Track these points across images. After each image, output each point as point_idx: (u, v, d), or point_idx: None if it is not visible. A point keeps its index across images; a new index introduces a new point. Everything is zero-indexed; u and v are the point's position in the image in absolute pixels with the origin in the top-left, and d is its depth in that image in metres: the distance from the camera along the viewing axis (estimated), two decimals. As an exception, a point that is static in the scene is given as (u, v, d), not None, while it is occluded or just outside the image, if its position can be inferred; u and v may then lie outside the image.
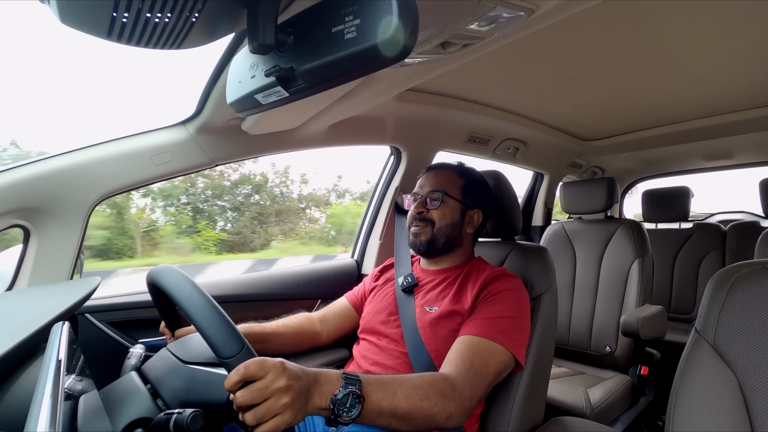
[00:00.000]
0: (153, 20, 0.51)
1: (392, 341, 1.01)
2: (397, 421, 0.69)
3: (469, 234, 1.11)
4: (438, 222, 1.05)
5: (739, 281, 0.68)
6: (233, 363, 0.57)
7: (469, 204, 1.09)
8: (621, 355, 1.69)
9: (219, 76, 0.96)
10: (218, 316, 0.60)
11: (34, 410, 0.37)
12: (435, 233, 1.05)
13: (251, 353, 0.59)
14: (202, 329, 0.59)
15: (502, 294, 0.94)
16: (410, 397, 0.71)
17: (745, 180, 4.14)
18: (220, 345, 0.58)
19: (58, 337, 0.49)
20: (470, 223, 1.10)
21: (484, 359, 0.84)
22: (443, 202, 1.06)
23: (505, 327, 0.89)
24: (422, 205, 1.08)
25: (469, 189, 1.10)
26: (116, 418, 0.62)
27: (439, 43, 0.79)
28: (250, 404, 0.56)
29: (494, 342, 0.86)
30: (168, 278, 0.66)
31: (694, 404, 0.66)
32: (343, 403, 0.63)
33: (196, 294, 0.62)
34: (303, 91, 0.55)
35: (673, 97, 1.57)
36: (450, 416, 0.74)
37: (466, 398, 0.77)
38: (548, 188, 2.45)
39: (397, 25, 0.42)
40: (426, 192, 1.08)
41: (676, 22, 1.02)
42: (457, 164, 1.16)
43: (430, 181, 1.10)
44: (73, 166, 1.00)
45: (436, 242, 1.06)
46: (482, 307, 0.93)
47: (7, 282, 0.98)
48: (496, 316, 0.90)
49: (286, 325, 1.10)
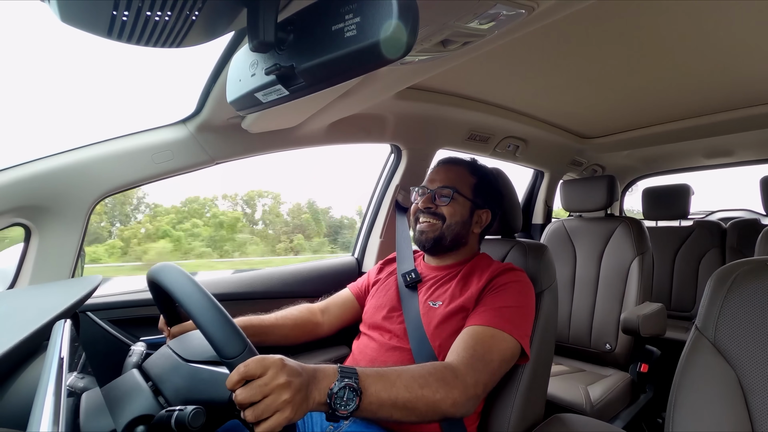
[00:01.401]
0: (153, 18, 0.51)
1: (395, 336, 1.00)
2: (399, 412, 0.69)
3: (475, 234, 1.09)
4: (449, 219, 1.02)
5: (739, 279, 0.68)
6: (236, 363, 0.57)
7: (479, 203, 1.06)
8: (621, 353, 1.69)
9: (219, 75, 0.96)
10: (220, 317, 0.60)
11: (37, 408, 0.37)
12: (444, 230, 1.03)
13: (253, 353, 0.60)
14: (205, 330, 0.59)
15: (507, 286, 0.94)
16: (410, 386, 0.70)
17: (746, 177, 4.13)
18: (223, 345, 0.58)
19: (60, 335, 0.50)
20: (478, 223, 1.08)
21: (487, 346, 0.83)
22: (453, 199, 1.03)
23: (509, 315, 0.88)
24: (430, 200, 1.04)
25: (480, 188, 1.07)
26: (118, 416, 0.62)
27: (440, 40, 0.79)
28: (250, 402, 0.56)
29: (498, 329, 0.85)
30: (169, 277, 0.66)
31: (695, 401, 0.66)
32: (340, 397, 0.63)
33: (199, 294, 0.62)
34: (303, 90, 0.55)
35: (673, 94, 1.56)
36: (455, 403, 0.73)
37: (470, 384, 0.76)
38: (548, 186, 2.45)
39: (397, 23, 0.42)
40: (436, 187, 1.05)
41: (676, 20, 1.02)
42: (471, 160, 1.12)
43: (441, 176, 1.07)
44: (73, 164, 1.00)
45: (443, 239, 1.03)
46: (487, 299, 0.92)
47: (8, 280, 0.98)
48: (501, 306, 0.89)
49: (285, 317, 1.08)
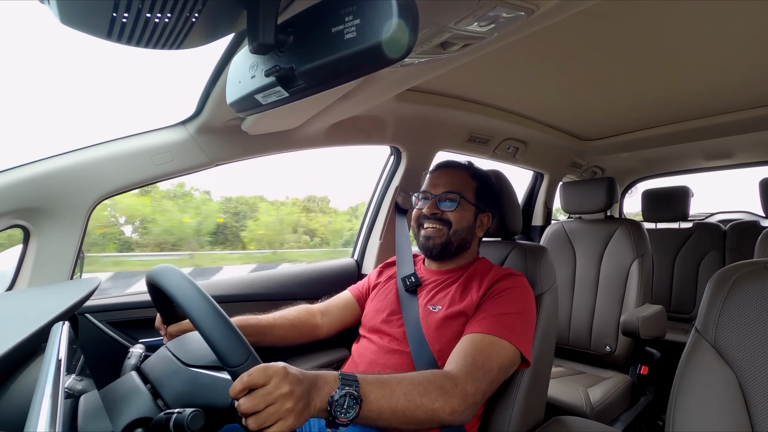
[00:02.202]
0: (153, 20, 0.51)
1: (394, 340, 1.00)
2: (398, 420, 0.69)
3: (478, 237, 1.10)
4: (455, 224, 1.02)
5: (739, 281, 0.68)
6: (239, 372, 0.58)
7: (482, 207, 1.07)
8: (621, 355, 1.69)
9: (219, 76, 0.96)
10: (224, 324, 0.60)
11: (35, 410, 0.37)
12: (451, 236, 1.02)
13: (257, 361, 0.60)
14: (209, 337, 0.59)
15: (507, 292, 0.94)
16: (409, 393, 0.70)
17: (745, 180, 4.14)
18: (226, 354, 0.58)
19: (58, 337, 0.50)
20: (480, 227, 1.08)
21: (486, 354, 0.83)
22: (459, 204, 1.03)
23: (509, 323, 0.88)
24: (435, 205, 1.04)
25: (482, 192, 1.07)
26: (116, 418, 0.62)
27: (439, 42, 0.79)
28: (253, 411, 0.56)
29: (497, 337, 0.85)
30: (171, 281, 0.66)
31: (695, 404, 0.66)
32: (341, 405, 0.63)
33: (201, 299, 0.62)
34: (303, 91, 0.55)
35: (672, 96, 1.56)
36: (453, 411, 0.73)
37: (469, 393, 0.76)
38: (548, 188, 2.45)
39: (397, 25, 0.42)
40: (440, 192, 1.04)
41: (676, 22, 1.02)
42: (469, 164, 1.12)
43: (444, 181, 1.06)
44: (73, 166, 1.00)
45: (450, 245, 1.03)
46: (487, 305, 0.92)
47: (7, 282, 0.98)
48: (501, 313, 0.89)
49: (283, 318, 1.08)
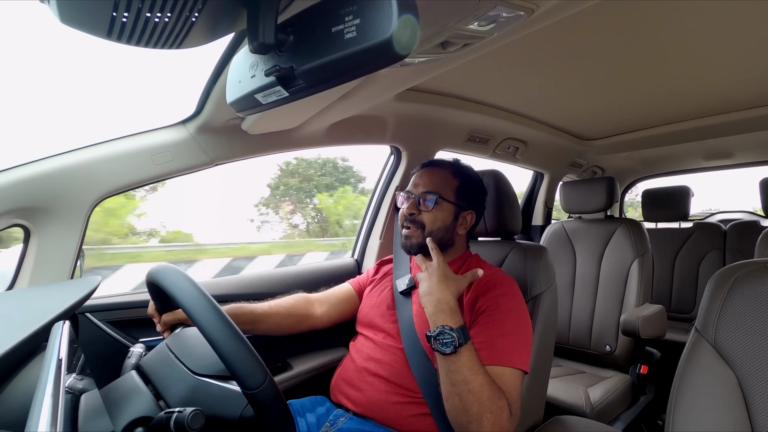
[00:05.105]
0: (153, 20, 0.51)
1: (388, 336, 1.01)
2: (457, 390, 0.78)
3: (461, 234, 1.08)
4: (429, 226, 1.02)
5: (739, 280, 0.68)
6: (258, 395, 0.58)
7: (462, 205, 1.06)
8: (621, 355, 1.69)
9: (219, 76, 0.96)
10: (242, 346, 0.61)
11: (35, 409, 0.37)
12: (425, 237, 1.02)
13: (273, 382, 0.61)
14: (226, 359, 0.60)
15: (498, 303, 0.92)
16: (482, 390, 0.78)
17: (745, 179, 4.13)
18: (245, 378, 0.59)
19: (59, 336, 0.50)
20: (462, 225, 1.07)
21: (512, 385, 0.85)
22: (437, 204, 1.02)
23: (511, 347, 0.87)
24: (415, 205, 1.04)
25: (463, 190, 1.06)
26: (117, 417, 0.62)
27: (439, 42, 0.79)
28: None
29: (508, 367, 0.85)
30: (184, 293, 0.66)
31: (694, 403, 0.66)
32: (443, 336, 0.80)
33: (218, 318, 0.62)
34: (303, 91, 0.55)
35: (673, 96, 1.56)
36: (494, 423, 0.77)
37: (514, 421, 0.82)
38: (548, 188, 2.45)
39: (397, 24, 0.42)
40: (419, 192, 1.04)
41: (676, 22, 1.02)
42: (453, 162, 1.12)
43: (424, 180, 1.06)
44: (73, 165, 1.00)
45: (426, 246, 1.03)
46: (481, 322, 0.91)
47: (7, 281, 0.98)
48: (501, 334, 0.88)
49: (279, 305, 1.07)
